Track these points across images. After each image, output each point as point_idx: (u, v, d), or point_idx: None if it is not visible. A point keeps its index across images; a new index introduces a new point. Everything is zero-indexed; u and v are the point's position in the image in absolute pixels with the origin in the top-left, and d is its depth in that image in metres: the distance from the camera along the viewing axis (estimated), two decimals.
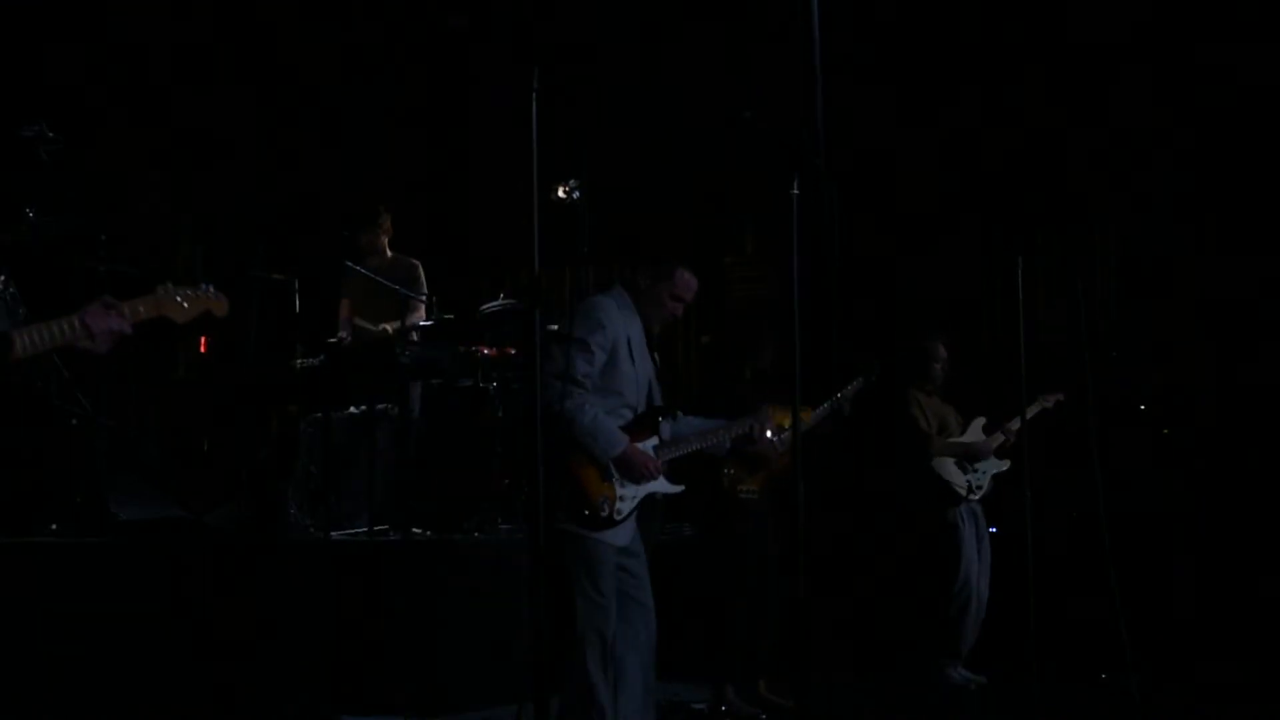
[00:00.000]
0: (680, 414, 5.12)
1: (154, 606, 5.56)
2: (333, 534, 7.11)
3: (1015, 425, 7.33)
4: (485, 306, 7.95)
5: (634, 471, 4.78)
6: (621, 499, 4.77)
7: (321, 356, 7.64)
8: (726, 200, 10.21)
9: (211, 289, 4.08)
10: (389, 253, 8.19)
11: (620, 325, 4.86)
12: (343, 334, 8.09)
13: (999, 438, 7.51)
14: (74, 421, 6.51)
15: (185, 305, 4.00)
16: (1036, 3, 8.92)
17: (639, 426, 4.91)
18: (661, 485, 4.90)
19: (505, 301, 7.88)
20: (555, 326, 4.98)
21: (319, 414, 7.76)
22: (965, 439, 7.54)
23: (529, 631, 3.63)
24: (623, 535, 4.82)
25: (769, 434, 6.53)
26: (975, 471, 7.47)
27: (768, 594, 6.56)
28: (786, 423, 5.94)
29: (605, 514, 4.73)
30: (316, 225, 9.19)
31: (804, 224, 4.26)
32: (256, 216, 9.75)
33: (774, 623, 6.56)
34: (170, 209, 9.80)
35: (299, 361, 7.71)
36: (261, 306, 8.00)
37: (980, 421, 7.60)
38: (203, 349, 10.37)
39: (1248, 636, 7.62)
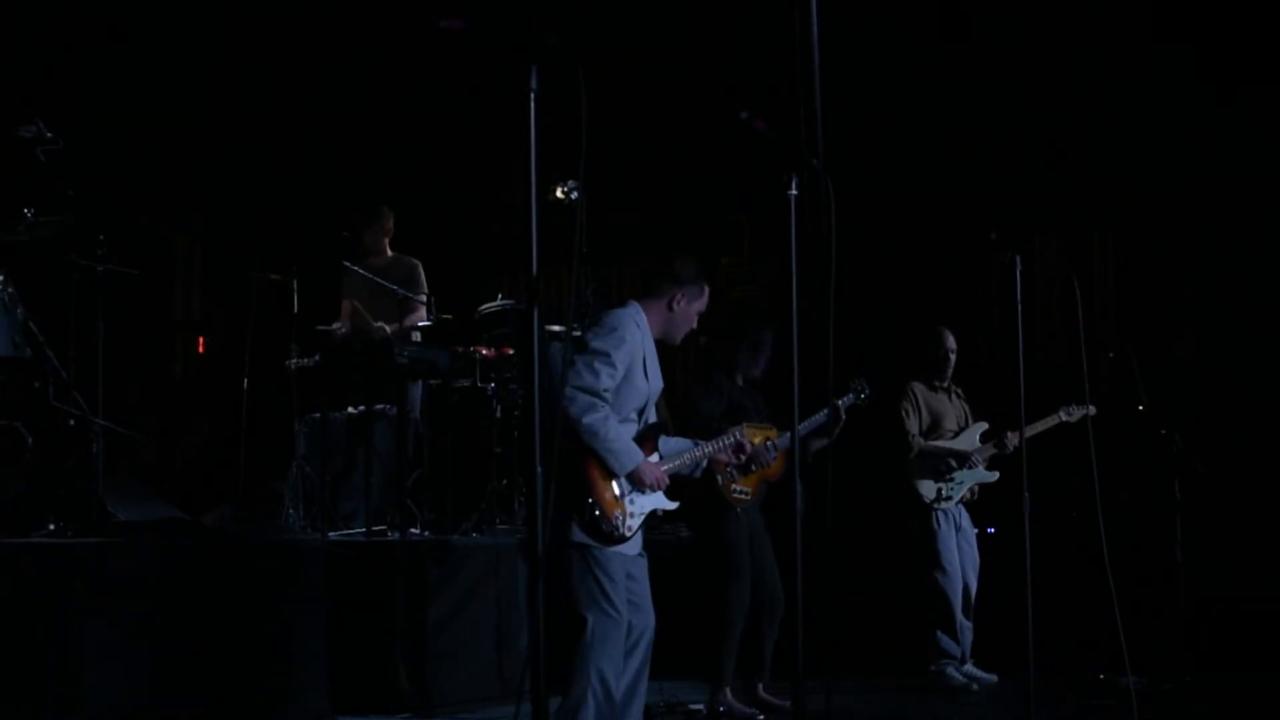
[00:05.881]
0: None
1: (152, 607, 5.56)
2: (330, 535, 7.10)
3: (1015, 439, 7.04)
4: (483, 307, 7.94)
5: (644, 484, 4.92)
6: (631, 515, 4.91)
7: (317, 356, 7.64)
8: (723, 200, 10.20)
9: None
10: (389, 252, 8.20)
11: (639, 341, 4.98)
12: (338, 325, 8.08)
13: (990, 449, 7.31)
14: (72, 422, 6.50)
15: None
16: None
17: (641, 441, 5.01)
18: (661, 500, 5.03)
19: (503, 302, 7.88)
20: (578, 332, 5.07)
21: (316, 414, 7.76)
22: (953, 443, 7.36)
23: (529, 631, 3.62)
24: (635, 545, 4.97)
25: (758, 446, 6.54)
26: (949, 480, 7.30)
27: (764, 594, 6.56)
28: (757, 439, 6.05)
29: (619, 530, 4.85)
30: (316, 226, 9.18)
31: (801, 224, 4.25)
32: (255, 216, 9.76)
33: (770, 623, 6.57)
34: (169, 209, 9.82)
35: (293, 361, 7.71)
36: (260, 306, 8.01)
37: (981, 427, 7.42)
38: (201, 349, 10.39)
39: (1247, 636, 7.64)
